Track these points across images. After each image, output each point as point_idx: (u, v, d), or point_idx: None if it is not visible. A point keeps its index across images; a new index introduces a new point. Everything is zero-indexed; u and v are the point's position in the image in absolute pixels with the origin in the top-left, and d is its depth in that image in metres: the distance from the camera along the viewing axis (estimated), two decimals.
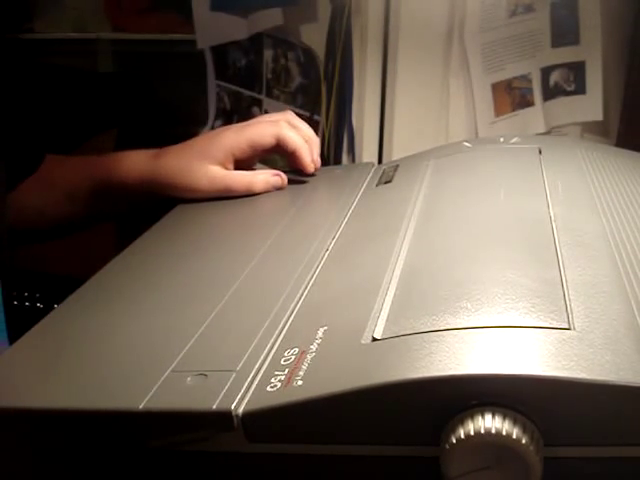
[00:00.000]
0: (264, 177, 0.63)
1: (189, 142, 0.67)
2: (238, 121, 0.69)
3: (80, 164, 0.69)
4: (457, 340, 0.33)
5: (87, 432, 0.35)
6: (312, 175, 0.65)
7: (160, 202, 0.64)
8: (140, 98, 1.17)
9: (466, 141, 0.65)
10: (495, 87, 0.86)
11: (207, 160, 0.63)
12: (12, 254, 0.63)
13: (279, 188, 0.63)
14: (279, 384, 0.33)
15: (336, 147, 0.87)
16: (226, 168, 0.63)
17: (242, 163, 0.65)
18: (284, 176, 0.64)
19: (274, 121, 0.65)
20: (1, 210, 0.61)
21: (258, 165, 0.70)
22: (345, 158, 0.86)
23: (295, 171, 0.66)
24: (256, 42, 0.95)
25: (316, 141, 0.66)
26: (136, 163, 0.66)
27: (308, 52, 0.90)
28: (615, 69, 0.89)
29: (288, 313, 0.40)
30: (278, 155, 0.72)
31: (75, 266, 0.68)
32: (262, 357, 0.36)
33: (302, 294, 0.42)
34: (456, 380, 0.30)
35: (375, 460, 0.33)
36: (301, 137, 0.64)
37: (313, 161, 0.65)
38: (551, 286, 0.37)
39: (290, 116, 0.66)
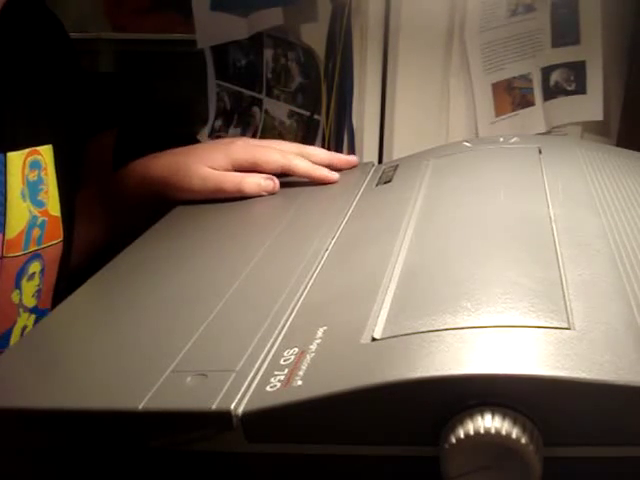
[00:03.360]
0: (256, 180, 0.62)
1: (193, 146, 0.67)
2: (238, 120, 0.70)
3: (98, 185, 0.70)
4: (457, 340, 0.33)
5: (87, 432, 0.35)
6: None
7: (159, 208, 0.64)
8: (140, 98, 1.17)
9: (466, 141, 0.65)
10: (495, 87, 0.86)
11: (205, 163, 0.63)
12: None
13: (270, 192, 0.62)
14: (279, 384, 0.33)
15: (336, 147, 0.87)
16: None
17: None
18: (277, 181, 0.63)
19: (284, 151, 0.64)
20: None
21: None
22: None
23: None
24: (256, 42, 0.95)
25: (334, 155, 0.67)
26: (133, 164, 0.67)
27: (308, 52, 0.90)
28: (615, 69, 0.89)
29: (288, 313, 0.40)
30: None
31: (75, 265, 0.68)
32: (262, 357, 0.36)
33: (302, 294, 0.42)
34: (456, 380, 0.30)
35: (375, 460, 0.33)
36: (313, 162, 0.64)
37: (346, 162, 0.66)
38: (551, 286, 0.37)
39: (304, 149, 0.66)
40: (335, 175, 0.63)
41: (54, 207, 0.60)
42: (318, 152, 0.66)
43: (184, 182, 0.63)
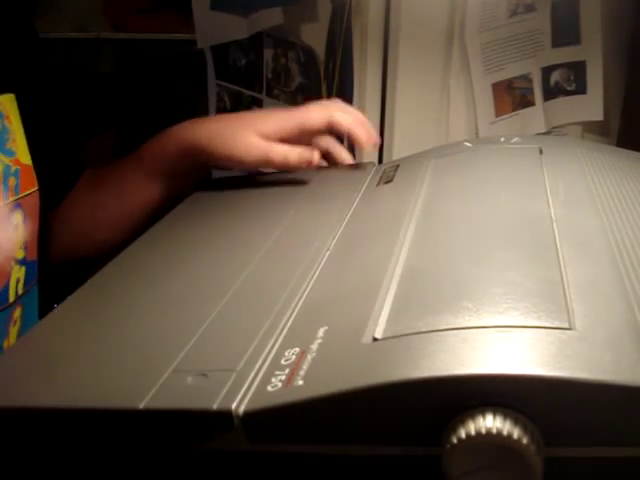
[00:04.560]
0: (300, 151, 0.63)
1: (237, 114, 0.67)
2: None
3: (126, 160, 0.69)
4: (458, 340, 0.32)
5: (87, 431, 0.35)
6: (315, 173, 0.66)
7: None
8: (140, 98, 1.17)
9: (467, 141, 0.65)
10: (495, 87, 0.86)
11: (252, 131, 0.63)
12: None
13: (311, 165, 0.63)
14: (280, 384, 0.33)
15: None
16: None
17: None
18: (317, 155, 0.64)
19: (324, 105, 0.66)
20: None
21: None
22: None
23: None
24: (256, 42, 0.95)
25: (366, 122, 0.67)
26: (176, 129, 0.66)
27: (308, 52, 0.90)
28: (616, 69, 0.89)
29: (289, 313, 0.40)
30: None
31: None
32: (263, 357, 0.36)
33: (303, 294, 0.42)
34: (457, 380, 0.30)
35: (375, 460, 0.33)
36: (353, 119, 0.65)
37: (371, 137, 0.66)
38: (552, 286, 0.37)
39: (340, 103, 0.67)
40: (369, 145, 0.65)
41: (24, 156, 0.60)
42: (353, 112, 0.67)
43: (230, 150, 0.62)
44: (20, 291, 0.59)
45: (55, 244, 0.68)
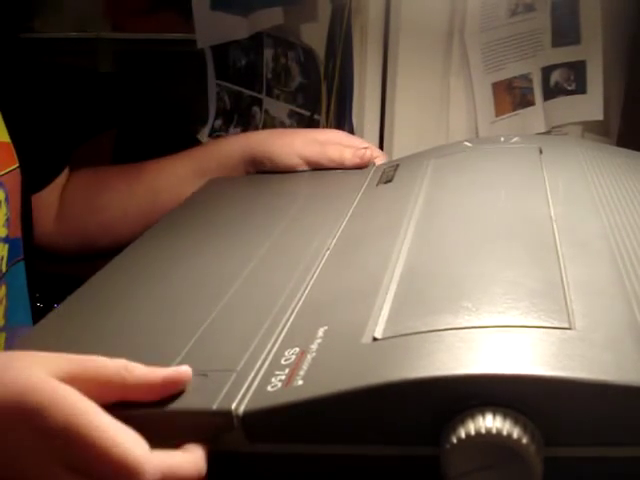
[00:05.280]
0: (353, 150, 0.66)
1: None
2: (238, 121, 0.70)
3: (168, 159, 0.71)
4: (458, 340, 0.32)
5: None
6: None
7: None
8: (140, 98, 1.17)
9: (467, 141, 0.65)
10: (495, 87, 0.86)
11: (306, 138, 0.67)
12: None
13: (367, 162, 0.66)
14: (279, 384, 0.33)
15: None
16: None
17: None
18: (369, 153, 0.66)
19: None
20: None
21: None
22: None
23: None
24: (256, 42, 0.95)
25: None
26: (231, 135, 0.69)
27: (308, 52, 0.90)
28: (616, 69, 0.89)
29: (289, 313, 0.40)
30: None
31: (76, 266, 0.68)
32: (262, 357, 0.36)
33: (303, 294, 0.42)
34: (457, 380, 0.30)
35: (375, 459, 0.33)
36: None
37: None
38: (552, 286, 0.37)
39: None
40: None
41: (1, 134, 0.60)
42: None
43: (289, 144, 0.67)
44: (4, 269, 0.59)
45: (78, 236, 0.69)
